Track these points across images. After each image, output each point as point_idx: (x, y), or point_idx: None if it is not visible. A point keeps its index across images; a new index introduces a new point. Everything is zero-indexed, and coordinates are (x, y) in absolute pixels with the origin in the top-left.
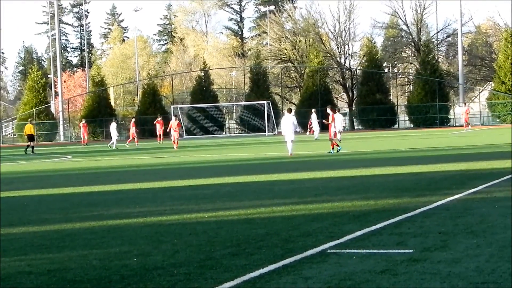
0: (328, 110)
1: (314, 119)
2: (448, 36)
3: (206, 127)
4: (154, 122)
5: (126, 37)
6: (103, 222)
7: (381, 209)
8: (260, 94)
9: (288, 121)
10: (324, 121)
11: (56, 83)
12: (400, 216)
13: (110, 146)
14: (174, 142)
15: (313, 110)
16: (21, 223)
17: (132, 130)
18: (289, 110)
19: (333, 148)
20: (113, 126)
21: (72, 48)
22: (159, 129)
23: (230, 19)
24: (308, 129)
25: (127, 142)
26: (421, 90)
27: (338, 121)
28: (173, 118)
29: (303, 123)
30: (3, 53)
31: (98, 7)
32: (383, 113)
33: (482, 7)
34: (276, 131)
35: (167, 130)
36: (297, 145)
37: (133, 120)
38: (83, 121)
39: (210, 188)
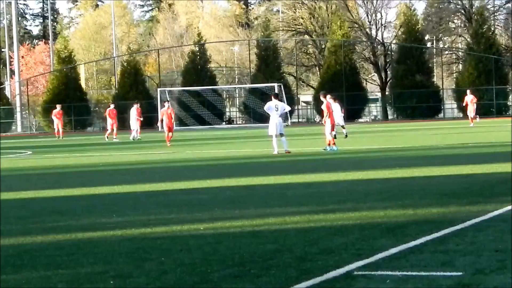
0: (322, 98)
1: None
2: (508, 1)
3: (202, 116)
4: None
5: (100, 1)
6: (72, 235)
7: (422, 220)
8: (270, 75)
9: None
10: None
11: (12, 60)
12: (446, 229)
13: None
14: (168, 137)
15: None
16: None
17: (110, 120)
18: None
19: (329, 145)
20: (133, 112)
21: (32, 15)
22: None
23: None
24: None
25: (106, 135)
26: (473, 70)
27: (336, 112)
28: (166, 104)
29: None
30: None
31: None
32: (425, 99)
33: None
34: (289, 121)
35: (161, 121)
36: (313, 139)
37: (112, 106)
38: (58, 108)
39: (206, 193)
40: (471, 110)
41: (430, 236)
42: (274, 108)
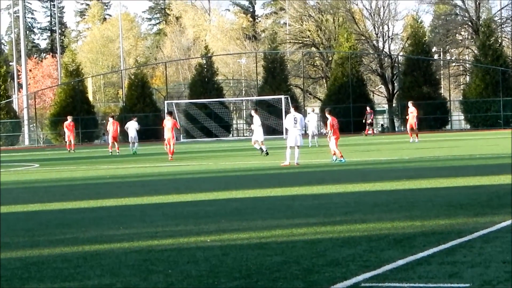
0: (327, 114)
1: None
2: None
3: (209, 128)
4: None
5: (108, 15)
6: (79, 248)
7: (430, 231)
8: (277, 87)
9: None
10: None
11: (19, 73)
12: (454, 240)
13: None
14: (170, 152)
15: (310, 109)
16: None
17: (112, 132)
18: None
19: (335, 154)
20: (132, 126)
21: (40, 28)
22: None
23: None
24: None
25: (110, 149)
26: (480, 81)
27: (311, 123)
28: (166, 116)
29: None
30: None
31: None
32: (432, 111)
33: None
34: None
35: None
36: (320, 151)
37: (111, 119)
38: (69, 120)
39: (213, 204)
40: (412, 124)
41: (438, 247)
42: (293, 120)
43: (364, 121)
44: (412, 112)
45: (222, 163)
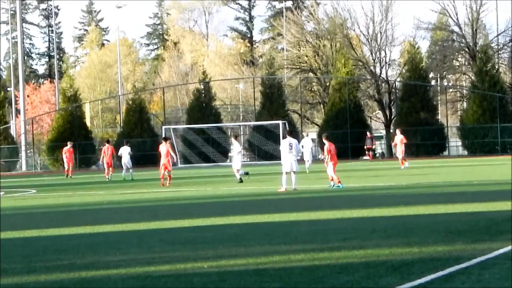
0: (324, 140)
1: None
2: (511, 40)
3: (206, 153)
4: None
5: (106, 40)
6: (75, 274)
7: (428, 258)
8: (274, 112)
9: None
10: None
11: (17, 98)
12: (452, 267)
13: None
14: (162, 176)
15: (304, 134)
16: None
17: (106, 157)
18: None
19: (333, 180)
20: (125, 150)
21: (38, 54)
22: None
23: (237, 18)
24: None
25: (106, 174)
26: (478, 107)
27: (306, 148)
28: (162, 142)
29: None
30: None
31: (71, 3)
32: (430, 137)
33: None
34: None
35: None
36: (317, 177)
37: (108, 144)
38: (69, 146)
39: (210, 230)
40: (400, 152)
41: (436, 274)
42: (288, 146)
43: (365, 146)
44: (402, 139)
45: (219, 188)
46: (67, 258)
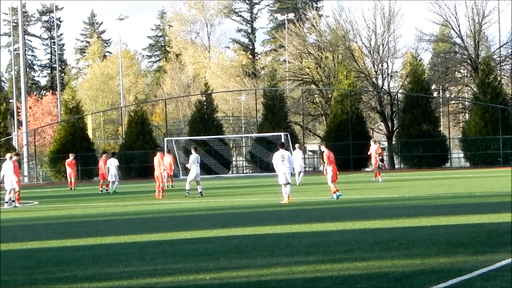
0: (323, 147)
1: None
2: None
3: (208, 165)
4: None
5: (108, 52)
6: (77, 285)
7: (429, 269)
8: (276, 124)
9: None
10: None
11: (19, 110)
12: (454, 279)
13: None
14: (159, 188)
15: (296, 145)
16: None
17: (103, 169)
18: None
19: (334, 193)
20: (114, 163)
21: (41, 66)
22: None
23: (239, 30)
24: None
25: (106, 186)
26: (480, 119)
27: (297, 160)
28: (159, 153)
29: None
30: None
31: (73, 15)
32: (432, 149)
33: None
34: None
35: (161, 170)
36: (319, 188)
37: (104, 155)
38: (71, 157)
39: (212, 242)
40: (374, 163)
41: (438, 285)
42: (281, 158)
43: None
44: (377, 150)
45: (221, 200)
46: (69, 270)
